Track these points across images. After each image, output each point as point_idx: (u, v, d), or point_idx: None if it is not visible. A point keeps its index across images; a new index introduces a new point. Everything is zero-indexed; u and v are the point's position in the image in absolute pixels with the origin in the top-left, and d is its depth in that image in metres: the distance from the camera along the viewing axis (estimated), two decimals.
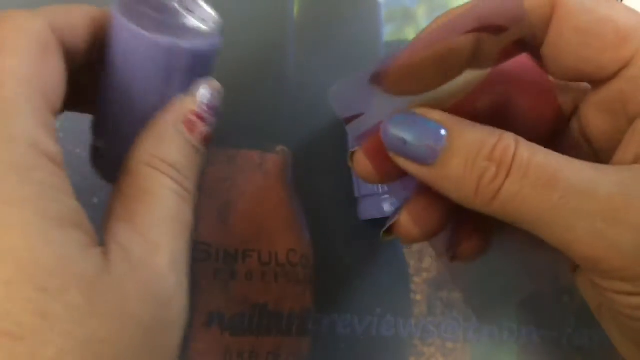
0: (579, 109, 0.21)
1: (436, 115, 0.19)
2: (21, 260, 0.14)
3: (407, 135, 0.18)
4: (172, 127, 0.19)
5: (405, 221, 0.20)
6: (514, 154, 0.17)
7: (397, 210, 0.21)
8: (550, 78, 0.21)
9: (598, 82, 0.20)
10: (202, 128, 0.20)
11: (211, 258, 0.30)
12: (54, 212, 0.16)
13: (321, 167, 0.25)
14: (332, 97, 0.21)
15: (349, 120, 0.21)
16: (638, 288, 0.17)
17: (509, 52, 0.20)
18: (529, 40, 0.20)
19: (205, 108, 0.20)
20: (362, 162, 0.20)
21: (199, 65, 0.20)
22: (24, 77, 0.17)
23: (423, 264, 0.32)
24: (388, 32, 0.34)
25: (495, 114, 0.20)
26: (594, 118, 0.21)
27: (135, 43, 0.19)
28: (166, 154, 0.19)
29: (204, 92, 0.20)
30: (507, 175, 0.17)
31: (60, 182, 0.16)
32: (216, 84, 0.21)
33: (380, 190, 0.29)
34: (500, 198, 0.17)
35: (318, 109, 0.28)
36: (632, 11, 0.19)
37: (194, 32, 0.20)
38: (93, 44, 0.20)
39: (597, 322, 0.20)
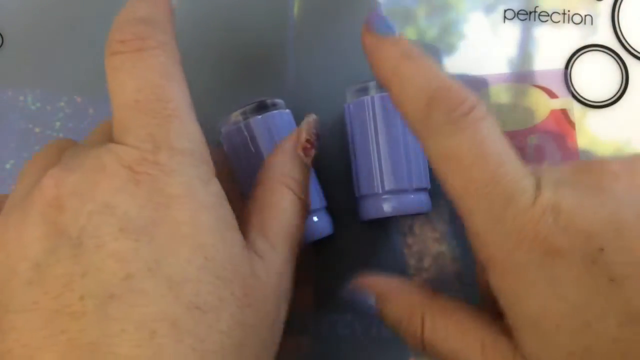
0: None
1: (367, 283, 0.25)
2: (208, 253, 0.19)
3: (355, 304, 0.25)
4: (295, 152, 0.25)
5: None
6: (421, 332, 0.23)
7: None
8: None
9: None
10: (312, 151, 0.26)
11: None
12: (228, 217, 0.21)
13: (321, 166, 0.25)
14: None
15: None
16: None
17: None
18: None
19: (313, 136, 0.26)
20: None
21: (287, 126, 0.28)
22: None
23: (423, 264, 0.32)
24: None
25: None
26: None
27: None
28: (293, 172, 0.25)
29: (309, 125, 0.26)
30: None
31: (223, 191, 0.21)
32: (313, 116, 0.27)
33: (381, 190, 0.29)
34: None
35: (318, 109, 0.28)
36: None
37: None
38: None
39: None
